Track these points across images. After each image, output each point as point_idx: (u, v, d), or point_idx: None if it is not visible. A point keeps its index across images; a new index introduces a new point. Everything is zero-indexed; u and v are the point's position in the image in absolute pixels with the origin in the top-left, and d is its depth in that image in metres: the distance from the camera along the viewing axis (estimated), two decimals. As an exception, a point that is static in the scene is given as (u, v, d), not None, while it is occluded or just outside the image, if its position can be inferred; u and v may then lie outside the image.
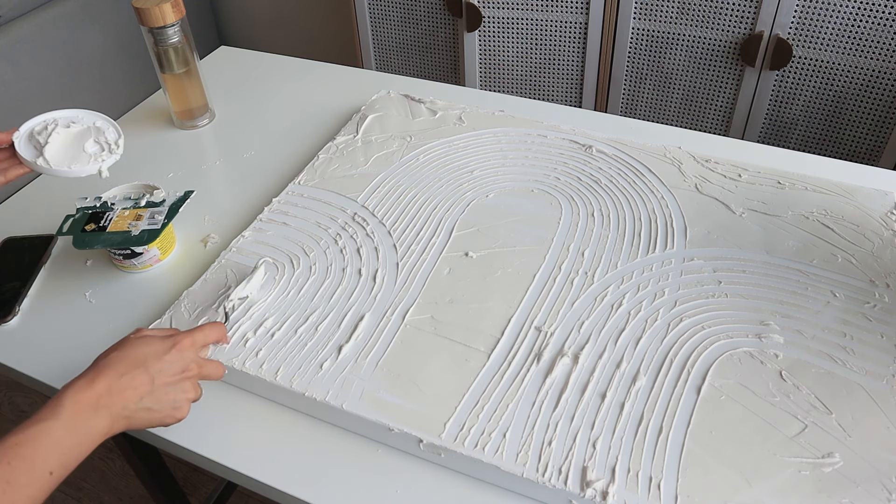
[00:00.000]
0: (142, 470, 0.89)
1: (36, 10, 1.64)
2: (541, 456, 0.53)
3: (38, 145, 0.65)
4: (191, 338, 0.55)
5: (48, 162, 0.64)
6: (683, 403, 0.56)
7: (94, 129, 0.69)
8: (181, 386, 0.53)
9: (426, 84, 1.03)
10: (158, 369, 0.52)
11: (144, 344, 0.53)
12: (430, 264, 0.70)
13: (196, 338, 0.56)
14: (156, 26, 0.86)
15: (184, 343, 0.54)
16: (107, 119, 0.70)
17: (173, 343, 0.53)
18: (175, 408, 0.53)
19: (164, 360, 0.52)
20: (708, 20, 1.33)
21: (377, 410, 0.56)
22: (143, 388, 0.51)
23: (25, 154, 0.65)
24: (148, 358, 0.52)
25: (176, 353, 0.53)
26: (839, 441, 0.53)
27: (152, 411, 0.52)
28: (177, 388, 0.53)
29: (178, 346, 0.53)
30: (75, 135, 0.68)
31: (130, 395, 0.50)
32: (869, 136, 1.33)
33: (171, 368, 0.52)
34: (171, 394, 0.52)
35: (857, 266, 0.68)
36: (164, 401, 0.52)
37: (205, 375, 0.56)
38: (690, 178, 0.79)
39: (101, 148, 0.67)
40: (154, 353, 0.52)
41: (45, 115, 0.69)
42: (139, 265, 0.74)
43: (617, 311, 0.64)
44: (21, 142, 0.66)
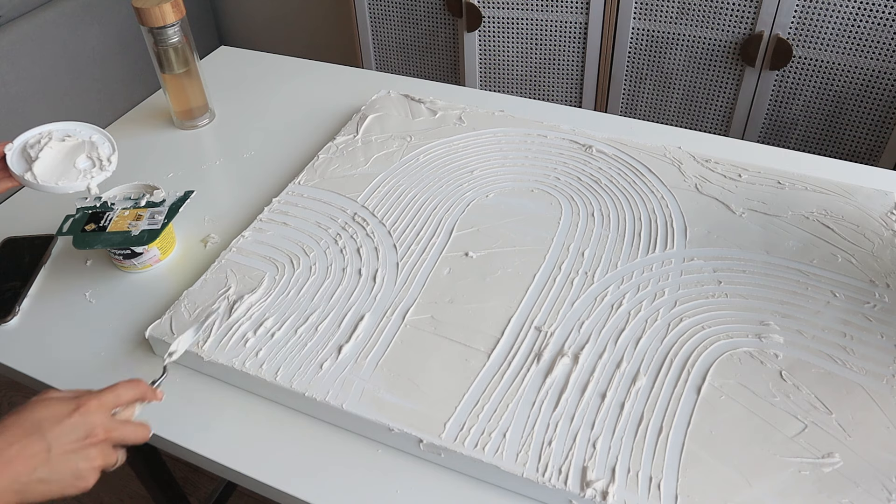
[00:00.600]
0: (142, 470, 0.89)
1: (36, 10, 1.64)
2: (541, 456, 0.53)
3: (30, 159, 0.65)
4: (98, 399, 0.50)
5: (35, 177, 0.64)
6: (683, 403, 0.56)
7: (88, 144, 0.68)
8: (84, 454, 0.48)
9: (426, 84, 1.03)
10: (56, 435, 0.47)
11: (43, 407, 0.48)
12: (430, 264, 0.70)
13: (104, 399, 0.50)
14: (156, 26, 0.86)
15: (89, 405, 0.49)
16: (103, 134, 0.70)
17: (77, 405, 0.48)
18: (77, 477, 0.48)
19: (65, 424, 0.47)
20: (708, 20, 1.33)
21: (377, 410, 0.56)
22: (38, 457, 0.46)
23: (15, 167, 0.64)
24: (44, 422, 0.47)
25: (79, 417, 0.48)
26: (839, 441, 0.53)
27: (49, 483, 0.46)
28: (78, 455, 0.48)
29: (82, 410, 0.48)
30: (68, 149, 0.67)
31: (22, 465, 0.45)
32: (869, 136, 1.33)
33: (72, 434, 0.47)
34: (72, 462, 0.47)
35: (857, 266, 0.68)
36: (62, 471, 0.47)
37: (118, 440, 0.51)
38: (690, 178, 0.79)
39: (92, 164, 0.67)
40: (52, 417, 0.47)
41: (42, 127, 0.68)
42: (139, 265, 0.74)
43: (617, 311, 0.64)
44: (13, 154, 0.65)
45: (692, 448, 0.53)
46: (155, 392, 0.56)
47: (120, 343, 0.67)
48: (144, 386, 0.54)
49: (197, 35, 2.09)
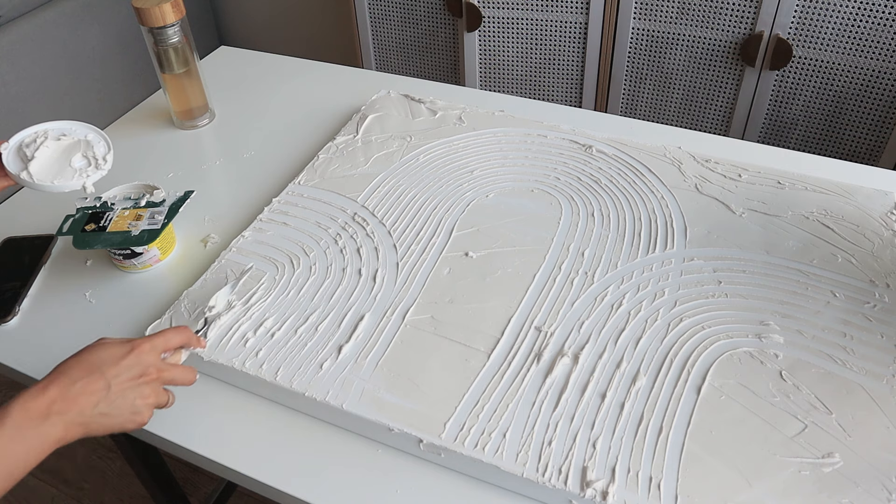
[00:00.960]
0: (142, 470, 0.89)
1: (36, 10, 1.64)
2: (541, 456, 0.53)
3: (25, 158, 0.65)
4: (150, 342, 0.54)
5: (31, 176, 0.64)
6: (683, 403, 0.56)
7: (83, 143, 0.68)
8: (140, 390, 0.52)
9: (426, 84, 1.03)
10: (115, 374, 0.50)
11: (101, 349, 0.52)
12: (430, 264, 0.70)
13: (156, 342, 0.54)
14: (156, 26, 0.86)
15: (143, 347, 0.53)
16: (99, 133, 0.69)
17: (131, 347, 0.52)
18: (134, 412, 0.52)
19: (121, 364, 0.51)
20: (708, 20, 1.33)
21: (377, 410, 0.56)
22: (99, 393, 0.49)
23: (11, 167, 0.64)
24: (104, 363, 0.51)
25: (134, 357, 0.52)
26: (839, 441, 0.53)
27: (110, 416, 0.50)
28: (135, 391, 0.52)
29: (137, 350, 0.52)
30: (64, 148, 0.67)
31: (85, 400, 0.49)
32: (869, 136, 1.33)
33: (128, 373, 0.51)
34: (129, 398, 0.51)
35: (857, 266, 0.68)
36: (121, 406, 0.51)
37: (168, 380, 0.55)
38: (690, 178, 0.79)
39: (88, 162, 0.67)
40: (110, 358, 0.51)
41: (37, 126, 0.68)
42: (139, 265, 0.74)
43: (617, 311, 0.64)
44: (9, 154, 0.65)
45: (692, 448, 0.53)
46: (199, 340, 0.59)
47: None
48: (190, 333, 0.58)
49: (197, 35, 2.09)
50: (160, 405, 0.54)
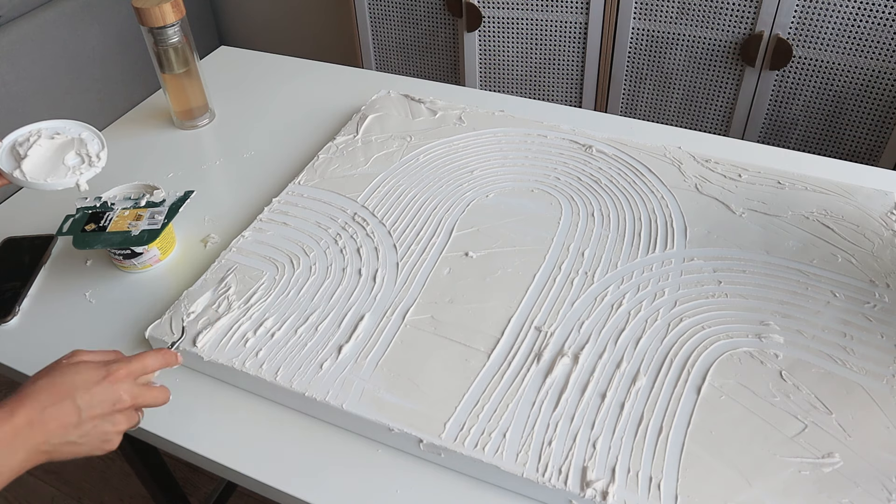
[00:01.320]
0: (142, 470, 0.89)
1: (36, 10, 1.64)
2: (541, 456, 0.53)
3: (19, 157, 0.65)
4: (127, 369, 0.51)
5: (24, 174, 0.64)
6: (683, 403, 0.56)
7: (77, 141, 0.68)
8: (112, 419, 0.50)
9: (426, 84, 1.03)
10: (88, 403, 0.48)
11: (75, 371, 0.49)
12: (430, 264, 0.70)
13: (133, 368, 0.52)
14: (156, 26, 0.86)
15: (118, 374, 0.50)
16: (93, 131, 0.69)
17: (107, 374, 0.50)
18: (104, 441, 0.50)
19: (95, 392, 0.49)
20: (708, 20, 1.33)
21: (377, 410, 0.56)
22: (70, 423, 0.47)
23: (4, 165, 0.64)
24: (77, 388, 0.48)
25: (108, 386, 0.49)
26: (839, 441, 0.53)
27: (77, 445, 0.48)
28: (106, 420, 0.49)
29: (112, 378, 0.50)
30: (57, 146, 0.67)
31: (54, 429, 0.47)
32: (869, 136, 1.33)
33: (101, 404, 0.49)
34: (100, 427, 0.49)
35: (857, 266, 0.68)
36: (91, 434, 0.49)
37: (142, 405, 0.53)
38: (690, 178, 0.79)
39: (81, 160, 0.67)
40: (83, 384, 0.48)
41: (31, 126, 0.68)
42: (139, 265, 0.74)
43: (617, 311, 0.64)
44: (2, 153, 0.65)
45: (692, 448, 0.53)
46: (176, 357, 0.58)
47: (120, 343, 0.67)
48: (169, 355, 0.56)
49: (197, 35, 2.09)
50: (130, 427, 0.53)
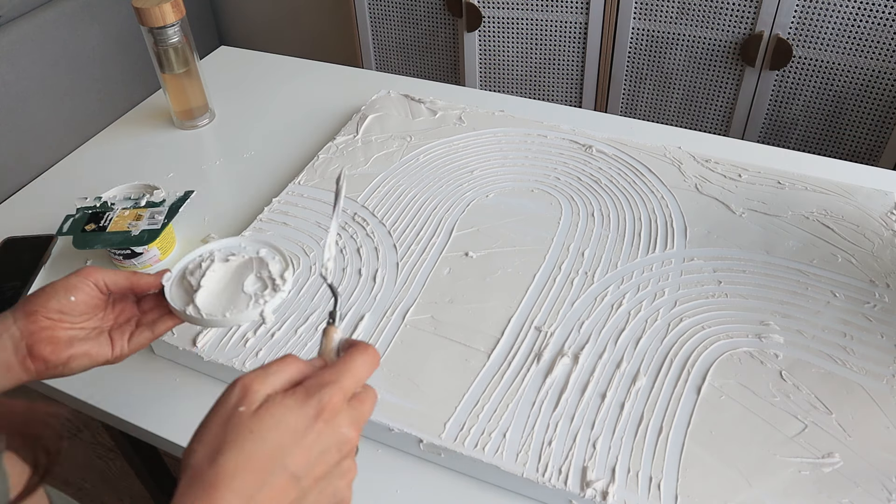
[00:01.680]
0: (142, 470, 0.89)
1: (36, 10, 1.64)
2: (541, 456, 0.53)
3: (190, 288, 0.55)
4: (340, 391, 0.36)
5: (200, 310, 0.53)
6: (683, 403, 0.56)
7: (256, 262, 0.57)
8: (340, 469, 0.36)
9: (426, 84, 1.03)
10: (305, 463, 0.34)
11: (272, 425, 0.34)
12: (430, 264, 0.70)
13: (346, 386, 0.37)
14: (156, 26, 0.86)
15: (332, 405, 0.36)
16: (273, 246, 0.58)
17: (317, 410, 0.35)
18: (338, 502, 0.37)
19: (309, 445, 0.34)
20: (708, 20, 1.33)
21: (377, 410, 0.56)
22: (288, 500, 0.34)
23: (175, 302, 0.54)
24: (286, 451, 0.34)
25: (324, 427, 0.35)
26: (839, 441, 0.53)
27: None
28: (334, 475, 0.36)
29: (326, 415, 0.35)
30: (233, 270, 0.57)
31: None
32: (869, 136, 1.33)
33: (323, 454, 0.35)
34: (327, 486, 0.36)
35: (857, 266, 0.68)
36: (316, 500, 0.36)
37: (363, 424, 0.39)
38: (690, 178, 0.79)
39: (263, 284, 0.55)
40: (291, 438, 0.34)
41: (202, 248, 0.58)
42: (139, 265, 0.74)
43: (617, 311, 0.64)
44: (171, 286, 0.55)
45: (692, 448, 0.53)
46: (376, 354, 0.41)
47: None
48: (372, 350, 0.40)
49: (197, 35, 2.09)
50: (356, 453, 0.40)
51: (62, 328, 0.49)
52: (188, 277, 0.55)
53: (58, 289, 0.50)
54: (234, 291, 0.55)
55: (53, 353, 0.48)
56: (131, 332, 0.52)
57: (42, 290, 0.50)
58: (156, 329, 0.53)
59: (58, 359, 0.48)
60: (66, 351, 0.49)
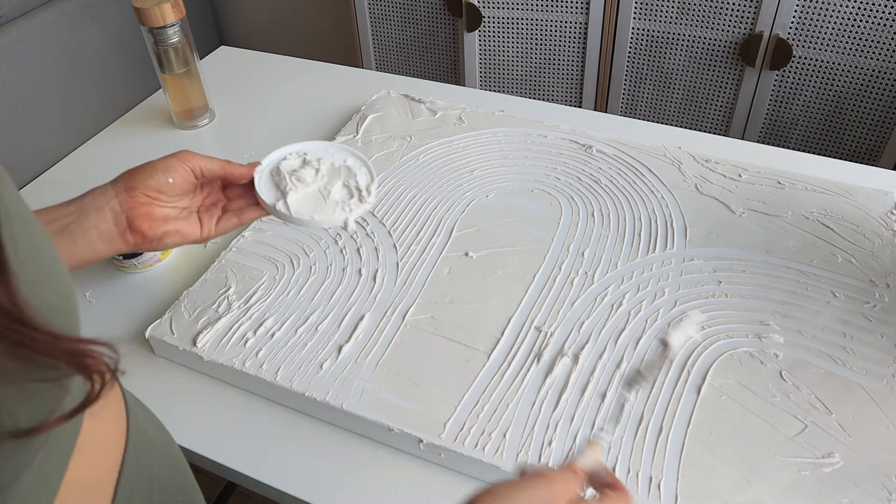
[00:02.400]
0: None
1: (36, 10, 1.64)
2: (541, 456, 0.53)
3: (282, 185, 0.56)
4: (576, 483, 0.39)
5: (289, 208, 0.55)
6: (683, 403, 0.56)
7: (344, 170, 0.59)
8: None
9: (426, 84, 1.03)
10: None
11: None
12: (430, 264, 0.70)
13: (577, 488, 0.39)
14: (156, 26, 0.86)
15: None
16: (359, 157, 0.60)
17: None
18: None
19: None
20: (708, 20, 1.33)
21: (377, 410, 0.56)
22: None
23: (265, 195, 0.56)
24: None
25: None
26: (839, 441, 0.53)
27: None
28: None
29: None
30: (323, 175, 0.58)
31: None
32: (869, 136, 1.33)
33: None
34: None
35: (857, 266, 0.68)
36: None
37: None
38: (690, 178, 0.79)
39: (349, 193, 0.57)
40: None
41: (292, 146, 0.60)
42: (139, 265, 0.74)
43: (617, 311, 0.64)
44: (262, 179, 0.57)
45: (692, 448, 0.53)
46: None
47: (120, 343, 0.67)
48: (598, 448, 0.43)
49: (197, 35, 2.09)
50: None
51: (158, 206, 0.52)
52: (280, 175, 0.57)
53: (158, 168, 0.52)
54: (322, 195, 0.57)
55: (151, 228, 0.51)
56: (218, 217, 0.56)
57: (142, 167, 0.52)
58: (243, 216, 0.56)
59: (154, 234, 0.52)
60: (162, 227, 0.52)
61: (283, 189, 0.56)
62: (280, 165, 0.58)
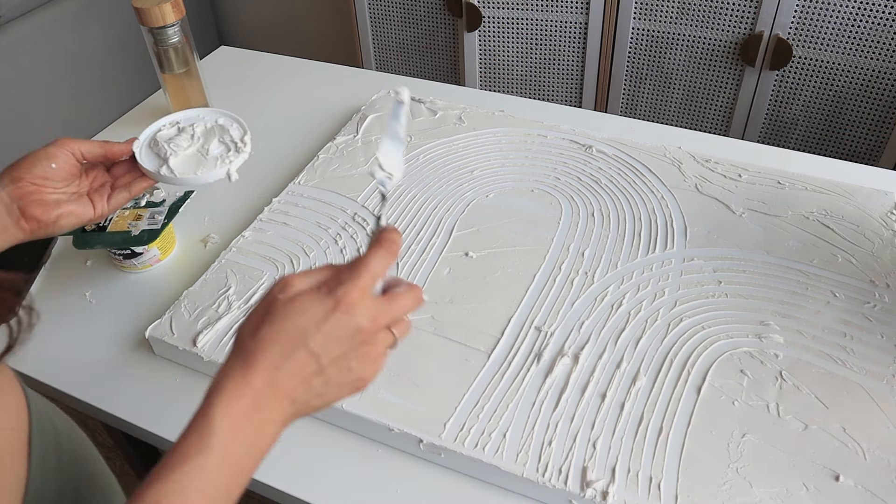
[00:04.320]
0: (142, 470, 0.89)
1: (36, 10, 1.64)
2: (541, 456, 0.53)
3: (161, 153, 0.60)
4: (357, 288, 0.41)
5: (172, 171, 0.59)
6: (683, 403, 0.56)
7: (217, 129, 0.63)
8: (357, 353, 0.41)
9: (426, 84, 1.03)
10: (323, 344, 0.40)
11: (298, 312, 0.40)
12: (430, 264, 0.70)
13: (363, 284, 0.41)
14: (156, 26, 0.86)
15: (350, 298, 0.40)
16: (230, 115, 0.65)
17: (336, 303, 0.40)
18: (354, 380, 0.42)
19: (327, 330, 0.40)
20: (708, 20, 1.33)
21: (377, 410, 0.56)
22: (311, 376, 0.40)
23: (148, 164, 0.59)
24: (307, 332, 0.39)
25: (342, 318, 0.40)
26: (839, 441, 0.53)
27: (324, 396, 0.41)
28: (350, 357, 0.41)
29: (344, 307, 0.40)
30: (198, 136, 0.63)
31: (296, 385, 0.40)
32: (869, 136, 1.33)
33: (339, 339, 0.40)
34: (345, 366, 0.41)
35: (857, 266, 0.68)
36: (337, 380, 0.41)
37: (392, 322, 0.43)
38: (690, 178, 0.79)
39: (226, 148, 0.62)
40: (313, 323, 0.40)
41: (164, 118, 0.64)
42: (139, 265, 0.74)
43: (617, 311, 0.64)
44: (141, 152, 0.60)
45: (692, 448, 0.53)
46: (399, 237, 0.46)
47: (120, 343, 0.67)
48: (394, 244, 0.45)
49: (197, 35, 2.09)
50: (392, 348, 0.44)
51: (47, 192, 0.55)
52: (158, 144, 0.61)
53: (39, 157, 0.55)
54: (201, 154, 0.61)
55: (44, 213, 0.54)
56: (108, 195, 0.59)
57: (24, 158, 0.55)
58: (132, 189, 0.59)
59: (48, 218, 0.54)
60: (55, 211, 0.55)
61: (163, 156, 0.60)
62: (156, 137, 0.62)
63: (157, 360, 0.65)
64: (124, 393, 0.62)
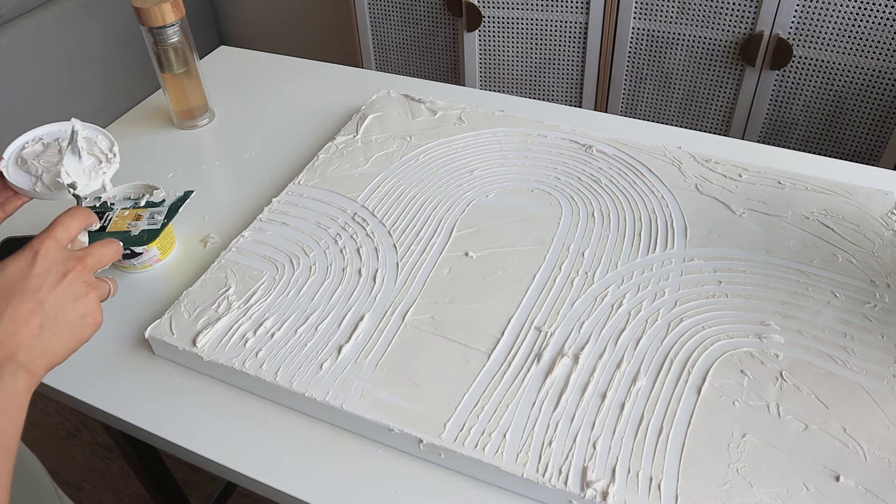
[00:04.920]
0: (142, 470, 0.89)
1: (36, 10, 1.64)
2: (541, 456, 0.53)
3: (32, 170, 0.60)
4: (51, 237, 0.47)
5: (47, 186, 0.59)
6: (684, 403, 0.56)
7: (85, 142, 0.64)
8: (73, 290, 0.46)
9: (426, 84, 1.03)
10: (35, 286, 0.44)
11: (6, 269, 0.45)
12: (430, 264, 0.70)
13: (57, 234, 0.48)
14: (155, 26, 0.86)
15: (45, 244, 0.46)
16: (94, 128, 0.65)
17: (34, 251, 0.45)
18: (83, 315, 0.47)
19: (34, 273, 0.45)
20: (708, 20, 1.33)
21: (377, 410, 0.56)
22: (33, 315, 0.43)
23: (20, 182, 0.59)
24: (15, 280, 0.44)
25: (43, 259, 0.45)
26: (840, 442, 0.53)
27: (61, 333, 0.45)
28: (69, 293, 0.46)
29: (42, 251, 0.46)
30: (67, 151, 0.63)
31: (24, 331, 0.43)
32: (869, 136, 1.33)
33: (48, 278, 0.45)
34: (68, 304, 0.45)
35: (857, 266, 0.68)
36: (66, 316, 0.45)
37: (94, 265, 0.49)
38: (690, 178, 0.79)
39: (97, 160, 0.63)
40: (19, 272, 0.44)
41: (27, 134, 0.63)
42: (139, 265, 0.74)
43: (617, 311, 0.64)
44: (9, 170, 0.60)
45: (692, 448, 0.53)
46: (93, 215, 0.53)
47: (120, 343, 0.67)
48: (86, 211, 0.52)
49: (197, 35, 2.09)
50: (103, 296, 0.50)
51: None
52: (26, 162, 0.61)
53: None
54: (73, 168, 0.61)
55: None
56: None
57: None
58: (6, 208, 0.59)
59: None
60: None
61: (34, 173, 0.60)
62: (23, 154, 0.61)
63: (157, 360, 0.65)
64: (124, 393, 0.62)
